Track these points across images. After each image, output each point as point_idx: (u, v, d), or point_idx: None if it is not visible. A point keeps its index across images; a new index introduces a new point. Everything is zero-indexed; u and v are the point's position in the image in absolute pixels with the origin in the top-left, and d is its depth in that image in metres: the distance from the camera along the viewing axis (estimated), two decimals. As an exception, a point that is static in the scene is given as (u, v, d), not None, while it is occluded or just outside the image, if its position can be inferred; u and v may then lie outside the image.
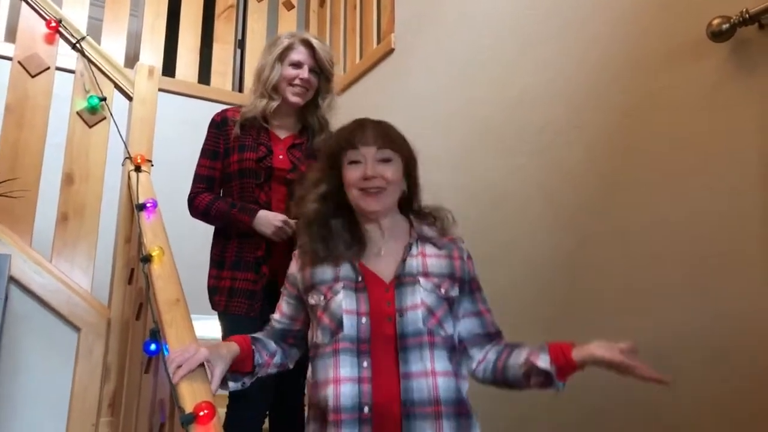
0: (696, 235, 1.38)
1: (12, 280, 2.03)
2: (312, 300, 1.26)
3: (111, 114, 2.34)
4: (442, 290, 1.23)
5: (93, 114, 2.33)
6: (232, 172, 1.78)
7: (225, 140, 1.80)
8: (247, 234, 1.72)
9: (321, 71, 1.81)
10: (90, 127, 2.32)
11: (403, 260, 1.25)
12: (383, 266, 1.26)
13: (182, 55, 3.32)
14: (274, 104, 1.78)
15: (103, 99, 2.33)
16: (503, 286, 1.25)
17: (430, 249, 1.29)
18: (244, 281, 1.71)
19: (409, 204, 1.33)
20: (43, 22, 2.30)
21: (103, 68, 2.36)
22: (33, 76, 2.26)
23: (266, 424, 1.80)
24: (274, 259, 1.72)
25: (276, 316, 1.37)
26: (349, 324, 1.19)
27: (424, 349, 1.17)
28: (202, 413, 1.18)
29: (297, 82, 1.77)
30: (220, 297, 1.73)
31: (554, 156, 1.79)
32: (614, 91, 1.63)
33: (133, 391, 1.75)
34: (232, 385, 1.25)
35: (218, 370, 1.20)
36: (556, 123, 1.80)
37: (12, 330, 2.02)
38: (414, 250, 1.28)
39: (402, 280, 1.23)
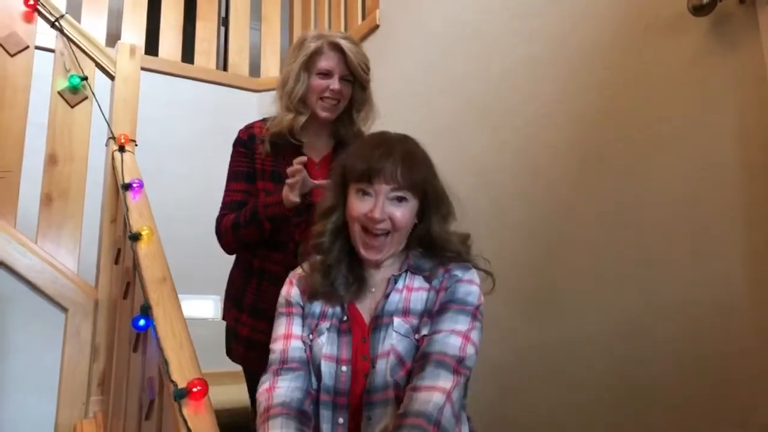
0: (675, 207, 1.40)
1: (-4, 261, 2.03)
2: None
3: (93, 93, 2.32)
4: (417, 335, 1.05)
5: (75, 94, 2.30)
6: None
7: (254, 160, 1.56)
8: (264, 274, 1.52)
9: (354, 79, 1.55)
10: (72, 107, 2.29)
11: (386, 296, 1.10)
12: (369, 303, 1.12)
13: (165, 34, 3.27)
14: (302, 119, 1.53)
15: (85, 78, 2.30)
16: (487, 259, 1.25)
17: (419, 282, 1.11)
18: (261, 333, 1.48)
19: (421, 236, 1.15)
20: (21, 0, 2.26)
21: (83, 47, 2.33)
22: (12, 56, 2.22)
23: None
24: None
25: (294, 343, 1.12)
26: (327, 372, 1.05)
27: (389, 407, 1.01)
28: (195, 389, 1.20)
29: (327, 94, 1.52)
30: (237, 345, 1.54)
31: (539, 130, 1.80)
32: (598, 65, 1.64)
33: (122, 369, 1.77)
34: None
35: None
36: (541, 98, 1.81)
37: (-1, 311, 2.02)
38: (400, 283, 1.11)
39: (378, 321, 1.07)
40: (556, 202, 1.72)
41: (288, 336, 1.13)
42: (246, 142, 1.57)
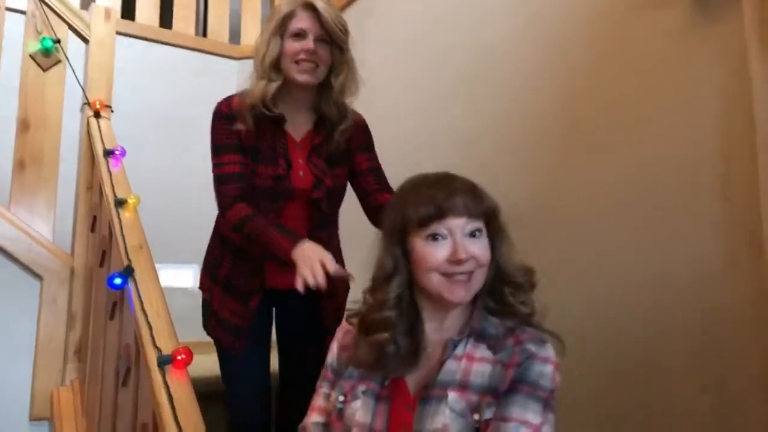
0: (655, 183, 1.41)
1: (-32, 228, 1.99)
2: (332, 395, 1.05)
3: (66, 57, 2.26)
4: (477, 415, 0.91)
5: (47, 57, 2.24)
6: None
7: (237, 134, 1.46)
8: (242, 253, 1.45)
9: (332, 40, 1.45)
10: (44, 70, 2.24)
11: (441, 363, 0.97)
12: (419, 369, 0.99)
13: (142, -3, 3.19)
14: (274, 85, 1.42)
15: (57, 41, 2.24)
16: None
17: (482, 352, 0.97)
18: (231, 313, 1.47)
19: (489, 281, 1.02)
20: (-10, -42, 2.18)
21: (55, 9, 2.26)
22: (-19, 17, 2.16)
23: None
24: (272, 286, 1.47)
25: (314, 417, 1.06)
26: None
27: None
28: (179, 357, 1.21)
29: (302, 56, 1.41)
30: (209, 318, 1.51)
31: (522, 104, 1.80)
32: (581, 39, 1.63)
33: (99, 337, 1.76)
34: None
35: None
36: (524, 71, 1.80)
37: (-29, 279, 1.99)
38: (459, 350, 0.98)
39: (429, 393, 0.95)
40: (537, 173, 1.73)
41: (313, 408, 1.08)
42: (228, 116, 1.47)
